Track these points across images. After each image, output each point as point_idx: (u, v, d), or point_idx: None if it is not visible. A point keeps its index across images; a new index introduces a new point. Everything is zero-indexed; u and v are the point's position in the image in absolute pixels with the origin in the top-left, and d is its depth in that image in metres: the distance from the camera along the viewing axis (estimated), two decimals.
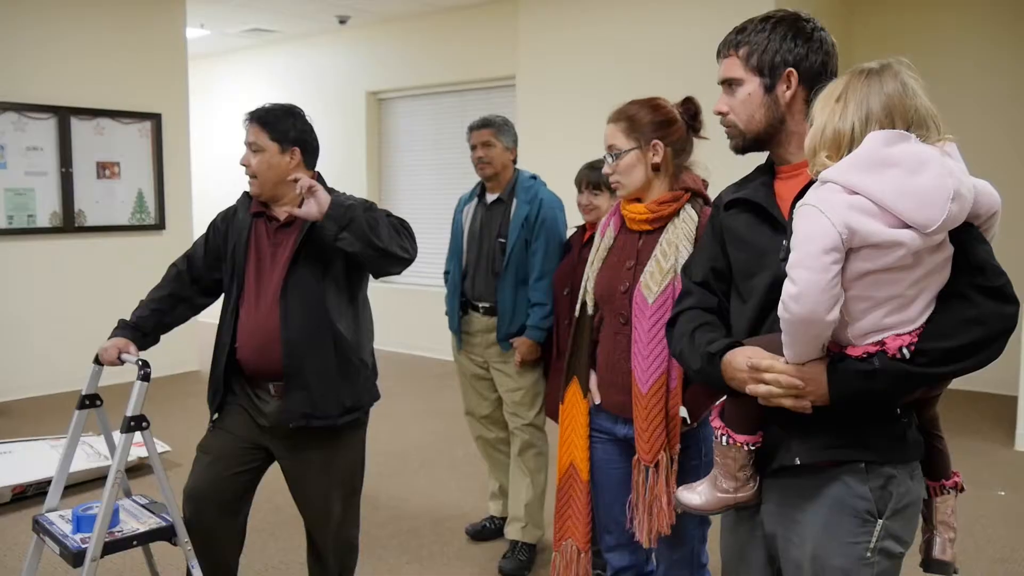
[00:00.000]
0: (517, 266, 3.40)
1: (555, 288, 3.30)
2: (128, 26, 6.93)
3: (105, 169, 6.85)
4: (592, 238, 3.07)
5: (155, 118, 7.09)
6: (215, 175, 9.54)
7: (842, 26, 6.56)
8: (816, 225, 1.42)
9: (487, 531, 3.84)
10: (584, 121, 6.59)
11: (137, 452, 4.31)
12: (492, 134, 3.49)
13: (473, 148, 3.52)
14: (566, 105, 6.78)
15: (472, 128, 3.55)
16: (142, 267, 6.84)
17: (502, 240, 3.43)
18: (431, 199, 8.30)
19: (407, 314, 8.04)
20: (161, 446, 4.55)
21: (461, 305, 3.59)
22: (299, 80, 9.09)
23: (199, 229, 8.31)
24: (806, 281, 1.42)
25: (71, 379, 6.28)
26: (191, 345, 7.17)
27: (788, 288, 1.46)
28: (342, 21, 8.16)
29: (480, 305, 3.53)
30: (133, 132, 7.00)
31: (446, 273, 3.69)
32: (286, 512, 3.81)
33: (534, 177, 3.55)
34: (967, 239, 1.48)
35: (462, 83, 8.01)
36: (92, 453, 4.48)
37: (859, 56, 1.77)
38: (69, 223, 6.66)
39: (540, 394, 3.50)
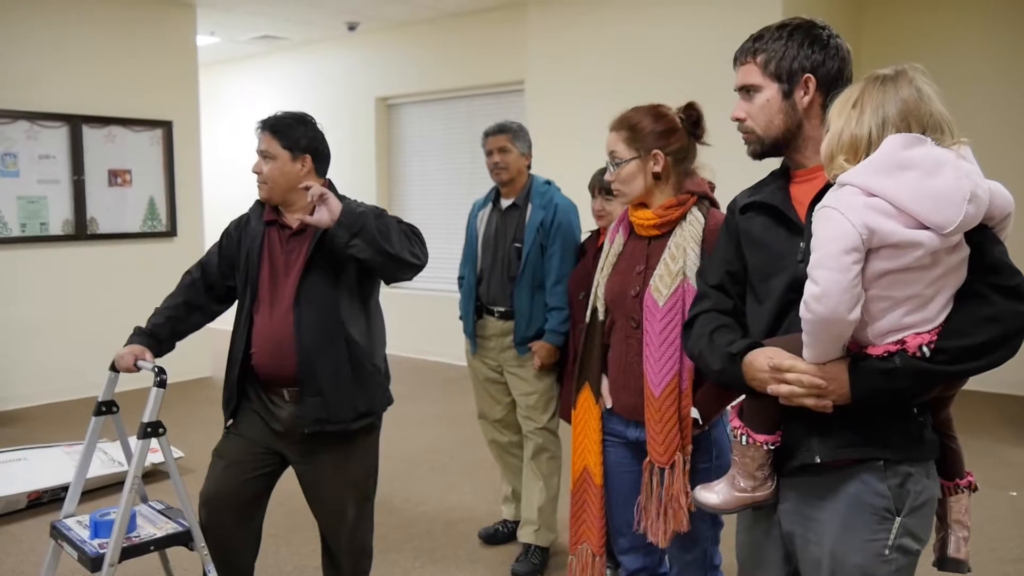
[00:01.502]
0: (533, 271, 3.41)
1: (570, 292, 3.32)
2: (139, 34, 6.98)
3: (117, 177, 6.89)
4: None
5: (166, 126, 7.14)
6: (226, 182, 9.59)
7: (851, 27, 6.56)
8: (837, 226, 1.44)
9: (500, 534, 3.85)
10: (593, 125, 6.56)
11: (151, 458, 4.34)
12: (508, 139, 3.50)
13: (489, 154, 3.53)
14: (575, 109, 6.79)
15: (488, 133, 3.56)
16: (154, 274, 6.90)
17: (518, 245, 3.45)
18: (440, 204, 8.32)
19: (416, 319, 8.06)
20: (175, 452, 4.57)
21: (476, 309, 3.60)
22: (309, 86, 9.13)
23: (210, 236, 8.32)
24: (828, 281, 1.44)
25: (84, 386, 6.34)
26: (204, 351, 7.21)
27: (810, 289, 1.48)
28: (351, 27, 8.20)
29: (495, 309, 3.54)
30: (144, 140, 7.04)
31: (460, 278, 3.70)
32: (299, 517, 3.82)
33: (548, 182, 3.56)
34: (982, 240, 1.50)
35: (471, 88, 8.03)
36: (107, 459, 4.50)
37: (867, 57, 1.78)
38: (81, 231, 6.70)
39: (554, 398, 3.51)
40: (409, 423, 5.75)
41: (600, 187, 3.19)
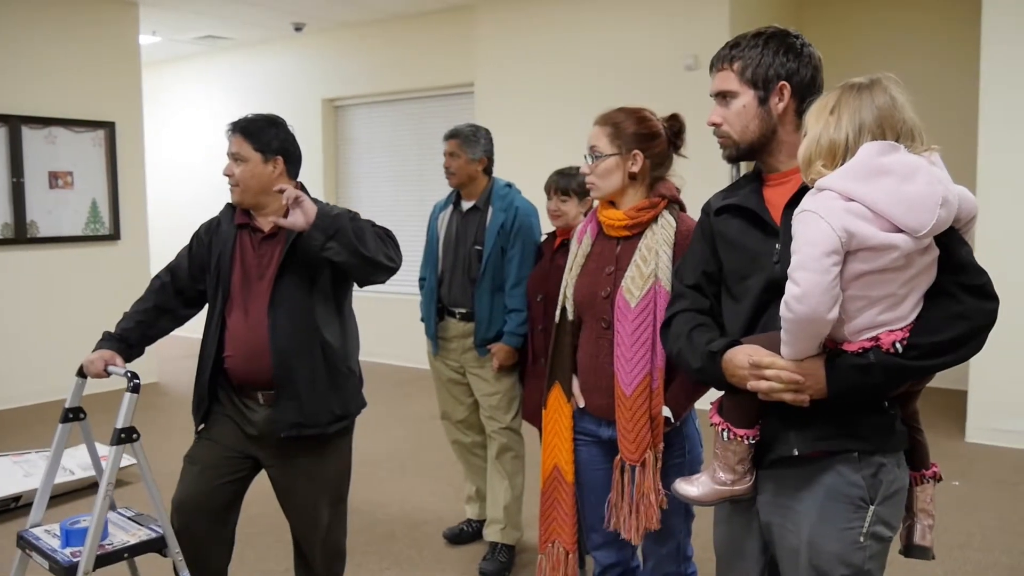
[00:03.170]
0: (493, 273, 3.45)
1: (528, 294, 3.37)
2: (80, 33, 6.82)
3: (58, 179, 6.73)
4: (563, 244, 3.15)
5: (108, 127, 6.99)
6: (171, 184, 9.41)
7: (792, 25, 6.73)
8: (817, 230, 1.51)
9: (465, 534, 3.88)
10: (542, 127, 6.67)
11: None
12: (457, 145, 3.55)
13: (444, 156, 3.58)
14: (524, 111, 6.85)
15: (444, 137, 3.62)
16: (97, 278, 6.76)
17: (478, 247, 3.48)
18: (390, 207, 8.28)
19: (365, 322, 8.01)
20: (128, 459, 4.47)
21: (437, 311, 3.63)
22: (254, 87, 9.00)
23: (155, 239, 8.09)
24: (809, 282, 1.51)
25: (26, 393, 6.12)
26: (151, 357, 7.02)
27: (791, 290, 1.55)
28: (298, 28, 8.12)
29: (456, 311, 3.57)
30: (86, 141, 6.88)
31: (421, 279, 3.73)
32: (262, 522, 3.80)
33: (509, 185, 3.61)
34: (950, 241, 1.59)
35: (419, 90, 8.03)
36: (59, 468, 4.39)
37: None
38: (21, 234, 6.51)
39: (516, 398, 3.55)
40: (366, 426, 5.67)
41: (556, 188, 3.24)
